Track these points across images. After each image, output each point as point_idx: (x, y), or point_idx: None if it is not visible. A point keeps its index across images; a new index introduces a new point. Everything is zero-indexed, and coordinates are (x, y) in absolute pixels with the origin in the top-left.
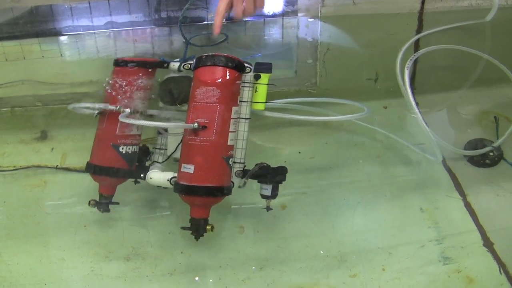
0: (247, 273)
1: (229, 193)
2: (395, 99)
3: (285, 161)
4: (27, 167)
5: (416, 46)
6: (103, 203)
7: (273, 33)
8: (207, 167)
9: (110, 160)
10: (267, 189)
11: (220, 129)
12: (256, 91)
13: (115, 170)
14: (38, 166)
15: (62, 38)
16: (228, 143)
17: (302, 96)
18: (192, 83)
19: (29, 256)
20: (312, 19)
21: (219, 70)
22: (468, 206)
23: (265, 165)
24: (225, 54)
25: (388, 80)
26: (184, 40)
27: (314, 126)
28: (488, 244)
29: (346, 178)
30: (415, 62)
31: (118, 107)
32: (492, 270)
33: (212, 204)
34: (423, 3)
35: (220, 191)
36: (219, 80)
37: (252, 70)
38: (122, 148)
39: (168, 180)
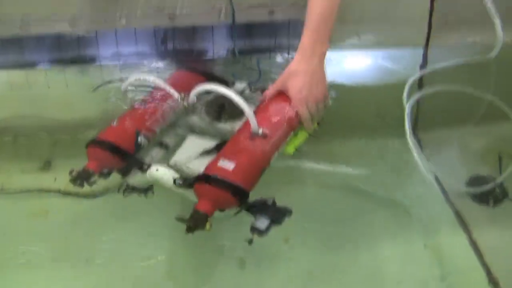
0: None
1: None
2: (398, 135)
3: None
4: (30, 191)
5: (421, 82)
6: (85, 176)
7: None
8: (246, 169)
9: (125, 141)
10: (263, 222)
11: (275, 144)
12: (296, 134)
13: (125, 151)
14: (41, 190)
15: (69, 67)
16: (271, 159)
17: None
18: (265, 98)
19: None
20: None
21: None
22: (472, 243)
23: (272, 200)
24: None
25: (392, 116)
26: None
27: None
28: (493, 282)
29: (349, 212)
30: (419, 99)
31: (182, 96)
32: None
33: (229, 205)
34: (428, 38)
35: (245, 196)
36: None
37: None
38: (141, 138)
39: (173, 178)
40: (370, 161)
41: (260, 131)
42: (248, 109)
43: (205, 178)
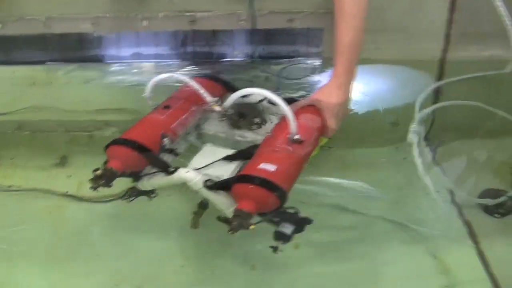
0: None
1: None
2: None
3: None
4: (42, 190)
5: (437, 93)
6: (109, 175)
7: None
8: (286, 172)
9: (151, 142)
10: (288, 228)
11: (309, 150)
12: None
13: (150, 152)
14: (48, 191)
15: (89, 65)
16: (305, 165)
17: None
18: (295, 108)
19: (42, 280)
20: None
21: None
22: (480, 254)
23: (295, 211)
24: None
25: (408, 127)
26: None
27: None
28: None
29: (360, 220)
30: (434, 110)
31: (216, 100)
32: None
33: (271, 206)
34: (445, 51)
35: (286, 198)
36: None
37: None
38: (166, 140)
39: (204, 181)
40: (383, 171)
41: (297, 136)
42: (291, 115)
43: (248, 179)
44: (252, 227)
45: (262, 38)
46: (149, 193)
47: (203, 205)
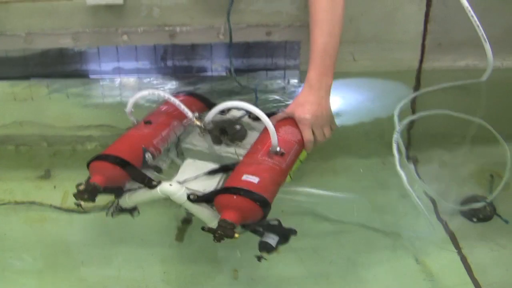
0: None
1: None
2: (392, 155)
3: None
4: (26, 202)
5: (414, 103)
6: (92, 191)
7: (274, 88)
8: (269, 184)
9: (133, 157)
10: (273, 239)
11: (290, 163)
12: None
13: (132, 166)
14: (33, 202)
15: (71, 81)
16: (286, 177)
17: None
18: (275, 120)
19: None
20: None
21: None
22: (463, 259)
23: (278, 221)
24: None
25: (387, 136)
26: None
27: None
28: None
29: (342, 226)
30: (412, 119)
31: (196, 115)
32: None
33: (254, 216)
34: (421, 62)
35: (269, 209)
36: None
37: None
38: (148, 155)
39: (188, 194)
40: (362, 180)
41: (278, 149)
42: (272, 127)
43: (232, 190)
44: (236, 235)
45: (241, 51)
46: (132, 211)
47: (187, 220)
